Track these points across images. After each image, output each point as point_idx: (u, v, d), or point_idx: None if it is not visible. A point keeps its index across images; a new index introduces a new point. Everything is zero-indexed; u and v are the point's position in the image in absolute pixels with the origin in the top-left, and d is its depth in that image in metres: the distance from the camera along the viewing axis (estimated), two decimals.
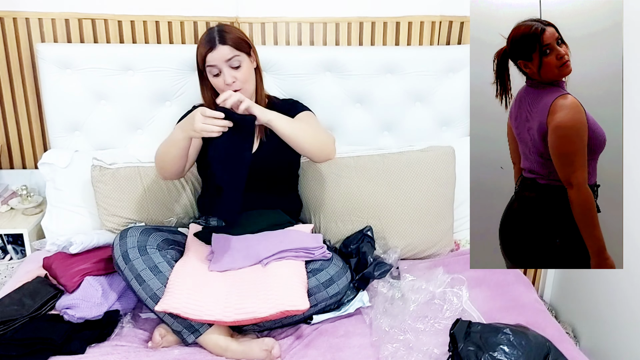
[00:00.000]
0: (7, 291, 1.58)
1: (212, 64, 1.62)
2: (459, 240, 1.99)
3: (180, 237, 1.66)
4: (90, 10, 1.97)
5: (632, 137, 1.69)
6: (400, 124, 2.11)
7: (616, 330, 1.87)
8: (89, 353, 1.40)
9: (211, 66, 1.62)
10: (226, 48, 1.61)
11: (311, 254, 1.55)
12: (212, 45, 1.61)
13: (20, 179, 2.12)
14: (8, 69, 2.03)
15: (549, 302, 2.30)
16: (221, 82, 1.63)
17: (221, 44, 1.61)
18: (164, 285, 1.45)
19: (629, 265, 1.69)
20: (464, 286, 1.62)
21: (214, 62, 1.61)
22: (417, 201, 1.85)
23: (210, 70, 1.63)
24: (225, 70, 1.62)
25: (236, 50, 1.62)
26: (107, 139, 2.01)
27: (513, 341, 1.27)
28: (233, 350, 1.42)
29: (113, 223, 1.79)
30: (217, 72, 1.63)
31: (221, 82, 1.63)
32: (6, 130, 2.10)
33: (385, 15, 2.08)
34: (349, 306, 1.56)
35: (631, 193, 1.71)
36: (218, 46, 1.61)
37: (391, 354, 1.37)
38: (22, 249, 1.96)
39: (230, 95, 1.45)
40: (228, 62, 1.61)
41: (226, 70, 1.62)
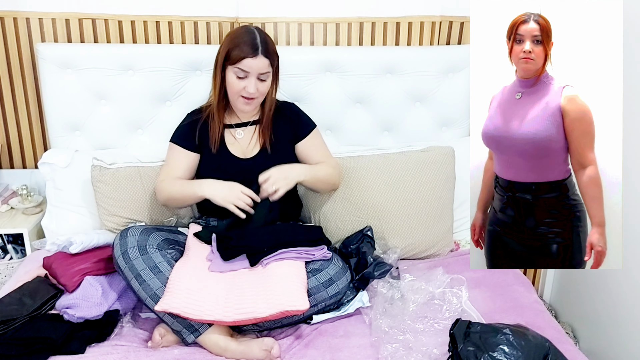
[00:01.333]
0: (7, 291, 1.58)
1: (246, 69, 1.59)
2: (459, 241, 1.99)
3: (180, 236, 1.66)
4: (91, 10, 1.97)
5: (632, 137, 1.69)
6: (400, 124, 2.11)
7: (615, 331, 1.87)
8: (89, 353, 1.40)
9: (242, 70, 1.59)
10: (266, 61, 1.59)
11: (311, 254, 1.55)
12: (256, 53, 1.58)
13: (20, 179, 2.12)
14: (8, 69, 2.03)
15: (549, 303, 2.30)
16: (241, 87, 1.61)
17: (264, 56, 1.59)
18: (163, 285, 1.45)
19: (628, 265, 1.69)
20: (464, 286, 1.62)
21: (249, 69, 1.59)
22: (417, 201, 1.85)
23: (237, 72, 1.60)
24: (252, 80, 1.60)
25: (271, 67, 1.62)
26: (107, 139, 2.01)
27: (513, 341, 1.27)
28: (233, 350, 1.42)
29: (113, 223, 1.79)
30: (244, 76, 1.61)
31: (241, 87, 1.61)
32: (6, 129, 2.10)
33: (385, 16, 2.08)
34: (348, 306, 1.56)
35: (631, 193, 1.70)
36: (260, 57, 1.58)
37: (391, 354, 1.37)
38: (22, 249, 1.96)
39: (279, 189, 1.57)
40: (261, 74, 1.61)
41: (253, 81, 1.60)
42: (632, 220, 1.71)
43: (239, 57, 1.58)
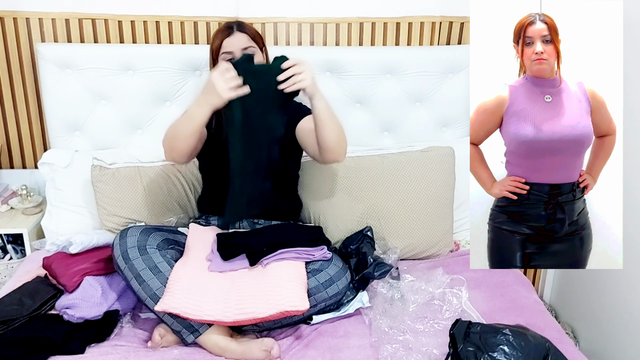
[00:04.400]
0: (7, 291, 1.58)
1: (229, 50, 1.62)
2: (459, 241, 1.99)
3: (180, 237, 1.66)
4: (91, 10, 1.97)
5: (632, 137, 1.69)
6: (400, 124, 2.11)
7: (615, 331, 1.87)
8: (89, 353, 1.40)
9: (227, 52, 1.63)
10: (244, 36, 1.64)
11: (311, 254, 1.55)
12: (230, 31, 1.64)
13: (20, 179, 2.12)
14: (8, 69, 2.03)
15: (549, 303, 2.30)
16: None
17: (239, 32, 1.64)
18: (163, 285, 1.45)
19: (628, 265, 1.69)
20: (464, 287, 1.62)
21: (230, 48, 1.62)
22: (416, 202, 1.85)
23: (224, 57, 1.63)
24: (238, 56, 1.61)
25: (252, 41, 1.65)
26: (107, 139, 2.01)
27: (513, 342, 1.27)
28: (232, 351, 1.42)
29: (113, 223, 1.79)
30: (231, 59, 1.62)
31: None
32: (6, 130, 2.10)
33: (385, 16, 2.08)
34: (348, 306, 1.56)
35: (631, 193, 1.70)
36: (236, 33, 1.64)
37: (390, 355, 1.37)
38: (21, 249, 1.96)
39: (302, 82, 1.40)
40: (244, 50, 1.62)
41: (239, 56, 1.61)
42: (632, 220, 1.71)
43: (219, 41, 1.63)
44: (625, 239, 1.59)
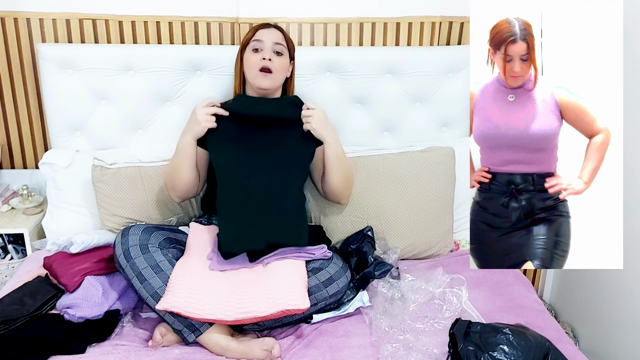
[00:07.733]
0: (8, 291, 1.58)
1: (260, 38, 1.69)
2: (459, 241, 1.99)
3: (181, 236, 1.66)
4: (91, 10, 1.97)
5: (632, 137, 1.69)
6: (401, 124, 2.11)
7: (616, 331, 1.87)
8: (89, 352, 1.41)
9: (257, 40, 1.69)
10: (279, 33, 1.74)
11: (311, 253, 1.55)
12: (269, 26, 1.74)
13: (21, 179, 2.12)
14: (9, 69, 2.03)
15: (549, 303, 2.31)
16: (258, 58, 1.67)
17: (276, 28, 1.75)
18: (165, 283, 1.45)
19: (628, 265, 1.69)
20: (464, 286, 1.62)
21: (262, 37, 1.70)
22: (417, 201, 1.85)
23: (254, 44, 1.69)
24: (268, 50, 1.69)
25: (284, 41, 1.74)
26: (107, 139, 2.01)
27: (513, 341, 1.27)
28: (233, 350, 1.42)
29: (114, 223, 1.80)
30: (260, 48, 1.69)
31: (258, 58, 1.67)
32: (7, 130, 2.10)
33: (385, 16, 2.08)
34: (348, 306, 1.56)
35: (631, 193, 1.71)
36: (272, 29, 1.74)
37: (391, 354, 1.37)
38: (22, 249, 1.96)
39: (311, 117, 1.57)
40: (274, 45, 1.70)
41: (269, 50, 1.69)
42: (632, 220, 1.71)
43: (252, 34, 1.72)
44: (625, 239, 1.59)
